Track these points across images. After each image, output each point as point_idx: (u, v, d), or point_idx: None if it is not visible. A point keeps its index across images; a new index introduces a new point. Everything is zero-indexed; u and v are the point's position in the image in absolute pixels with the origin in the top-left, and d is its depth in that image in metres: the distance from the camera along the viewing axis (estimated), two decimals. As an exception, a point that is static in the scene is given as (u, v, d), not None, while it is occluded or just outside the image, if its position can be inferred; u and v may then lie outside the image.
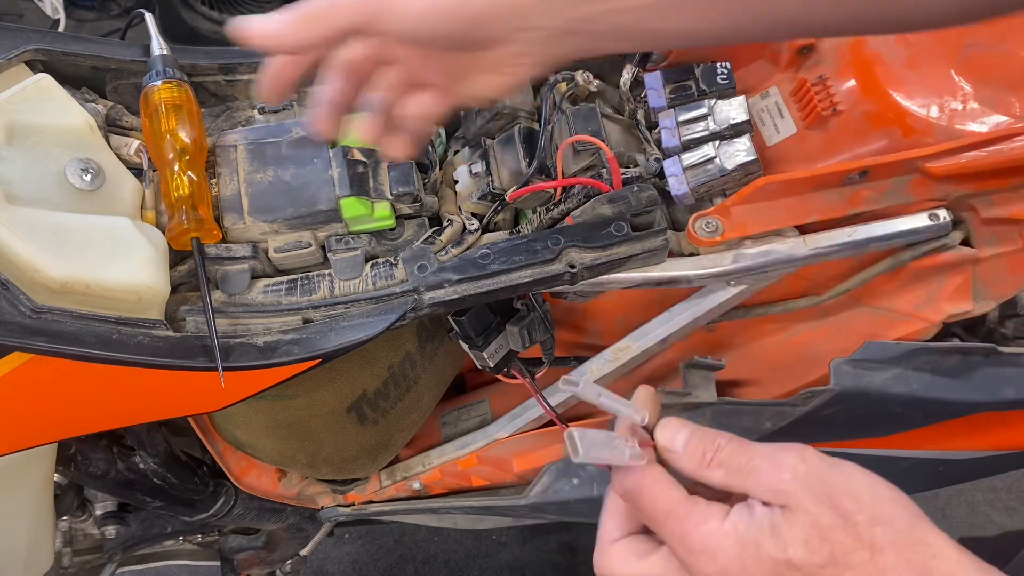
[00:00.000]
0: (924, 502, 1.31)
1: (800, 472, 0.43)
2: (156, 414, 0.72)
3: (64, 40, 0.72)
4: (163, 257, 0.65)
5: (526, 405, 0.95)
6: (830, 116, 0.74)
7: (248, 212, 0.69)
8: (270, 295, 0.69)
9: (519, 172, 0.72)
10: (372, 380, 0.85)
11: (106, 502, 1.02)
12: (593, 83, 0.78)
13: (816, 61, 0.77)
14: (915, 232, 0.75)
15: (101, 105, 0.72)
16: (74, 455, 0.83)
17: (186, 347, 0.64)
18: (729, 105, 0.73)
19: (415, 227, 0.74)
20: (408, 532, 1.69)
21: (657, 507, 0.46)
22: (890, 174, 0.73)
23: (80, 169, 0.64)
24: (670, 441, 0.47)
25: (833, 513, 0.42)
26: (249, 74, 0.78)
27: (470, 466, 0.99)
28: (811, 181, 0.72)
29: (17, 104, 0.65)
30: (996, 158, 0.70)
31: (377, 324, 0.67)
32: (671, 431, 0.48)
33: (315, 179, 0.69)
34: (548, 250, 0.69)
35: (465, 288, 0.69)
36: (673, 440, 0.47)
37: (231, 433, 0.86)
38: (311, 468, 0.91)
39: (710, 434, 0.47)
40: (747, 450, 0.45)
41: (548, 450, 0.97)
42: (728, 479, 0.45)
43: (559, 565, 1.67)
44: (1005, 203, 0.76)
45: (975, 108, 0.71)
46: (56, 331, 0.59)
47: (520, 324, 0.79)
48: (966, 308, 0.83)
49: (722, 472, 0.45)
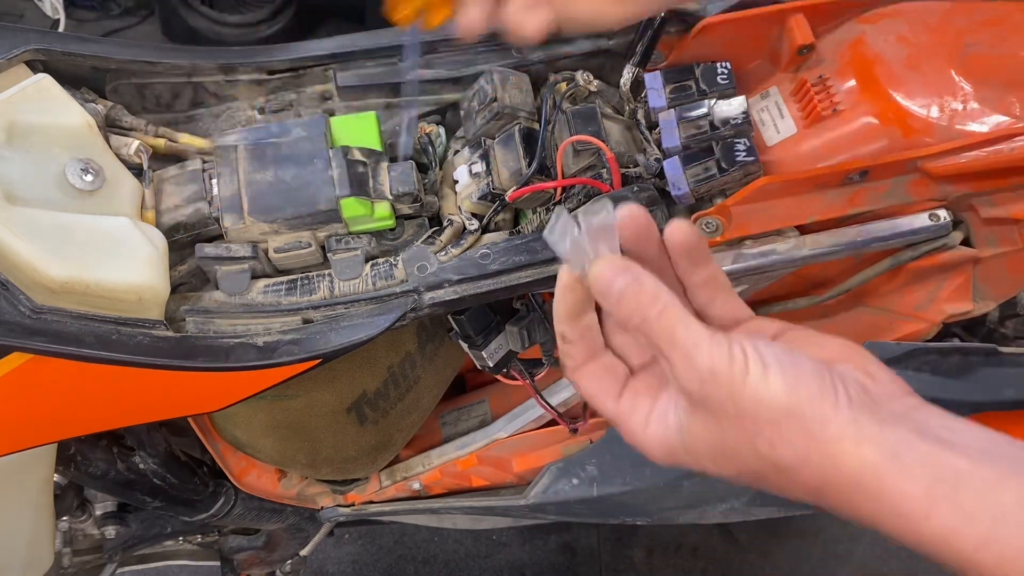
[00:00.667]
0: (924, 502, 1.26)
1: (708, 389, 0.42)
2: (156, 414, 0.72)
3: (64, 40, 0.72)
4: (163, 257, 0.65)
5: (526, 405, 0.95)
6: (830, 116, 0.74)
7: (248, 212, 0.69)
8: (270, 295, 0.69)
9: (519, 172, 0.72)
10: (372, 380, 0.85)
11: (106, 502, 1.02)
12: (593, 83, 0.78)
13: (816, 61, 0.77)
14: (915, 232, 0.75)
15: (101, 105, 0.72)
16: (74, 455, 0.83)
17: (186, 347, 0.64)
18: (729, 105, 0.73)
19: (415, 227, 0.74)
20: (408, 532, 1.69)
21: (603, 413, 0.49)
22: (890, 174, 0.73)
23: (80, 169, 0.64)
24: (606, 287, 0.45)
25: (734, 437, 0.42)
26: (249, 74, 0.78)
27: (470, 466, 0.99)
28: (811, 181, 0.72)
29: (17, 104, 0.65)
30: (996, 158, 0.70)
31: (377, 324, 0.67)
32: (608, 276, 0.45)
33: (315, 179, 0.69)
34: (548, 250, 0.70)
35: (465, 288, 0.69)
36: (609, 289, 0.45)
37: (231, 433, 0.86)
38: (311, 468, 0.91)
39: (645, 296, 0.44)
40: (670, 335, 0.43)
41: (548, 450, 0.98)
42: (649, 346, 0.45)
43: (559, 565, 1.67)
44: (1005, 203, 0.76)
45: (975, 108, 0.71)
46: (56, 331, 0.59)
47: (520, 324, 0.79)
48: (966, 308, 0.83)
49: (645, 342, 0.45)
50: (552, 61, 0.79)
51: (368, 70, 0.78)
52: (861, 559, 1.67)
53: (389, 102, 0.79)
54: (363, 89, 0.78)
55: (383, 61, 0.78)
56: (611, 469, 0.93)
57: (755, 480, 0.44)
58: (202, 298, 0.69)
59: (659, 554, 1.68)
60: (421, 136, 0.78)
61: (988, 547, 0.38)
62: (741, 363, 0.42)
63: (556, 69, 0.79)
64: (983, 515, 0.38)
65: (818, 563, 1.67)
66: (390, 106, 0.79)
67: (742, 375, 0.41)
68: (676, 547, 1.69)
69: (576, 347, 0.49)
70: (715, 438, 0.43)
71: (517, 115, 0.74)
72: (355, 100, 0.79)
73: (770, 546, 1.69)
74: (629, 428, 0.48)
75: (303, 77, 0.79)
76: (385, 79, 0.78)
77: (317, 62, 0.78)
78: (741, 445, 0.42)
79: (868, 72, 0.74)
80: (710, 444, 0.44)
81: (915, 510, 0.39)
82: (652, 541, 1.69)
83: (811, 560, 1.67)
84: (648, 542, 1.69)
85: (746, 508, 0.99)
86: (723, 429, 0.43)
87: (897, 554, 1.67)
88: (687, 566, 1.68)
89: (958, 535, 0.38)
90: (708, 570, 1.67)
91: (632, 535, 1.70)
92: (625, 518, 1.00)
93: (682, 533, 1.70)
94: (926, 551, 0.40)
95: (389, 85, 0.78)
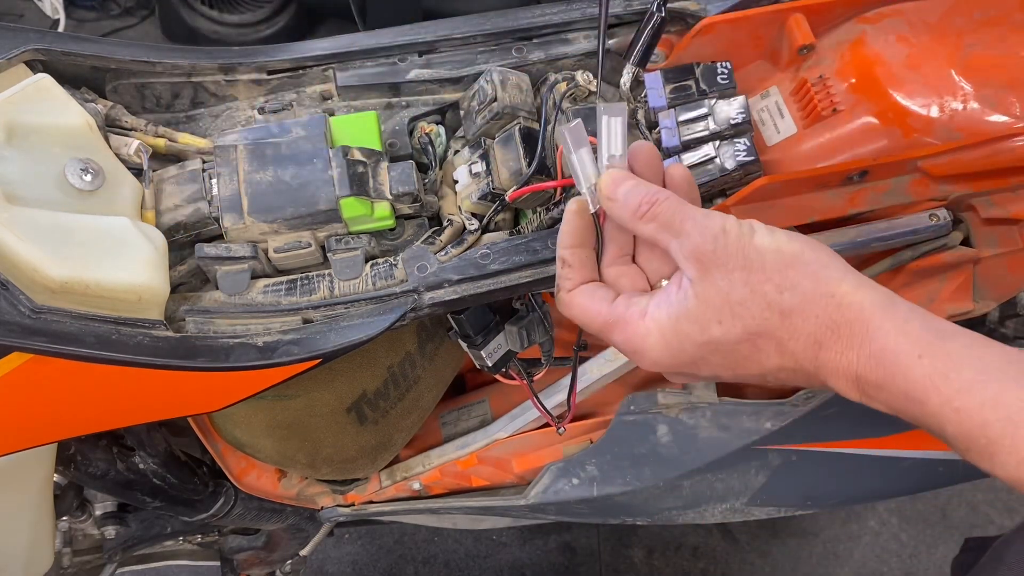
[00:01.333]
0: (924, 502, 1.32)
1: (720, 243, 0.45)
2: (156, 414, 0.72)
3: (64, 40, 0.72)
4: (163, 257, 0.65)
5: (526, 405, 0.95)
6: (830, 116, 0.74)
7: (248, 212, 0.69)
8: (270, 295, 0.69)
9: (519, 172, 0.72)
10: (372, 380, 0.85)
11: (106, 502, 1.02)
12: (593, 83, 0.78)
13: (816, 61, 0.77)
14: (915, 232, 0.75)
15: (101, 105, 0.72)
16: (74, 455, 0.83)
17: (186, 347, 0.64)
18: (729, 105, 0.73)
19: (415, 227, 0.74)
20: (408, 532, 1.69)
21: (592, 326, 0.51)
22: (890, 174, 0.73)
23: (80, 169, 0.64)
24: (612, 190, 0.50)
25: (743, 288, 0.45)
26: (249, 74, 0.78)
27: (470, 466, 0.99)
28: (811, 181, 0.72)
29: (17, 104, 0.65)
30: (996, 158, 0.70)
31: (377, 324, 0.67)
32: (615, 180, 0.50)
33: (315, 179, 0.69)
34: (548, 250, 0.70)
35: (465, 288, 0.69)
36: (615, 189, 0.50)
37: (231, 433, 0.86)
38: (311, 468, 0.91)
39: (652, 188, 0.49)
40: (681, 210, 0.48)
41: (548, 450, 0.98)
42: (657, 234, 0.48)
43: (559, 565, 1.67)
44: (1005, 203, 0.76)
45: (975, 108, 0.71)
46: (56, 331, 0.59)
47: (519, 324, 0.79)
48: (966, 308, 0.83)
49: (654, 226, 0.48)
50: (552, 61, 0.79)
51: (368, 70, 0.78)
52: (861, 559, 1.67)
53: (389, 102, 0.79)
54: (363, 89, 0.78)
55: (383, 61, 0.78)
56: (611, 469, 0.93)
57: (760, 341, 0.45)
58: (202, 298, 0.69)
59: (659, 554, 1.68)
60: (421, 136, 0.78)
61: (971, 392, 0.41)
62: (750, 225, 0.46)
63: (556, 69, 0.79)
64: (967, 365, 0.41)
65: (818, 563, 1.67)
66: (390, 106, 0.79)
67: (750, 233, 0.46)
68: (676, 547, 1.69)
69: (574, 270, 0.52)
70: (723, 294, 0.45)
71: (517, 115, 0.74)
72: (355, 100, 0.79)
73: (770, 546, 1.69)
74: (626, 320, 0.49)
75: (303, 77, 0.79)
76: (385, 79, 0.78)
77: (317, 62, 0.78)
78: (748, 297, 0.45)
79: (868, 72, 0.74)
80: (717, 303, 0.45)
81: (910, 350, 0.42)
82: (652, 541, 1.69)
83: (811, 560, 1.67)
84: (648, 542, 1.69)
85: (746, 508, 0.99)
86: (732, 282, 0.45)
87: (897, 554, 1.67)
88: (687, 566, 1.68)
89: (946, 378, 0.41)
90: (708, 570, 1.67)
91: (632, 535, 1.70)
92: (625, 518, 1.00)
93: (682, 533, 1.70)
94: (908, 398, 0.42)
95: (389, 85, 0.78)
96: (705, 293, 0.46)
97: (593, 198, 0.52)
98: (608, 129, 0.52)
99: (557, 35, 0.79)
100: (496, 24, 0.79)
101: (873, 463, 0.94)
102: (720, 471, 0.93)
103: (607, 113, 0.52)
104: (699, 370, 0.48)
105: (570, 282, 0.52)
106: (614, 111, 0.52)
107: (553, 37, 0.79)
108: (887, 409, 0.44)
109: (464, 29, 0.79)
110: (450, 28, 0.79)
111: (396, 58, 0.79)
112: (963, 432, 0.41)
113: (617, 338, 0.49)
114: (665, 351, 0.47)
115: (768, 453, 0.92)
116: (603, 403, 0.98)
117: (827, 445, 0.92)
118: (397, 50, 0.78)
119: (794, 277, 0.44)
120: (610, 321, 0.49)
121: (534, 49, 0.79)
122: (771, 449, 0.91)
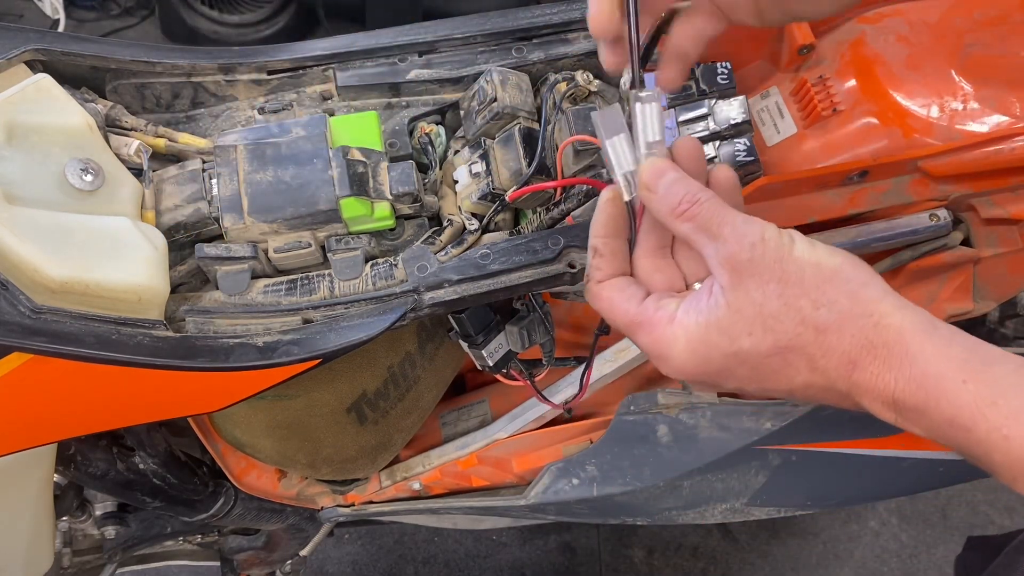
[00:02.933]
0: (924, 502, 1.32)
1: (757, 252, 0.44)
2: (156, 414, 0.72)
3: (64, 40, 0.72)
4: (163, 257, 0.65)
5: (526, 405, 0.95)
6: (830, 116, 0.74)
7: (248, 212, 0.69)
8: (270, 295, 0.69)
9: (519, 172, 0.72)
10: (372, 380, 0.85)
11: (106, 502, 1.02)
12: (593, 83, 0.78)
13: (816, 61, 0.77)
14: (915, 232, 0.75)
15: (101, 105, 0.72)
16: (74, 455, 0.83)
17: (186, 347, 0.64)
18: (729, 105, 0.73)
19: (415, 227, 0.74)
20: (408, 532, 1.69)
21: (618, 322, 0.49)
22: (890, 174, 0.73)
23: (80, 169, 0.64)
24: (653, 180, 0.47)
25: (778, 301, 0.43)
26: (249, 74, 0.78)
27: (470, 466, 0.99)
28: (811, 181, 0.72)
29: (17, 104, 0.65)
30: (996, 158, 0.70)
31: (377, 324, 0.67)
32: (658, 171, 0.48)
33: (315, 179, 0.69)
34: (548, 250, 0.69)
35: (465, 288, 0.69)
36: (657, 181, 0.47)
37: (231, 433, 0.86)
38: (311, 468, 0.91)
39: (694, 186, 0.47)
40: (720, 214, 0.46)
41: (548, 450, 0.98)
42: (693, 235, 0.46)
43: (559, 565, 1.67)
44: (1005, 203, 0.76)
45: (975, 108, 0.71)
46: (56, 331, 0.59)
47: (520, 324, 0.79)
48: (966, 308, 0.83)
49: (691, 226, 0.46)
50: (552, 61, 0.79)
51: (368, 70, 0.78)
52: (861, 559, 1.67)
53: (389, 102, 0.79)
54: (363, 89, 0.78)
55: (383, 61, 0.78)
56: (611, 469, 0.93)
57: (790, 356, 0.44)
58: (202, 298, 0.69)
59: (659, 554, 1.68)
60: (421, 136, 0.78)
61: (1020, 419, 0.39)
62: (790, 235, 0.44)
63: (556, 69, 0.79)
64: (1015, 392, 0.39)
65: (818, 563, 1.67)
66: (390, 106, 0.79)
67: (789, 244, 0.44)
68: (676, 547, 1.69)
69: (606, 260, 0.51)
70: (756, 305, 0.44)
71: (517, 115, 0.74)
72: (355, 100, 0.79)
73: (770, 546, 1.69)
74: (652, 323, 0.47)
75: (303, 77, 0.79)
76: (385, 79, 0.78)
77: (317, 62, 0.78)
78: (783, 310, 0.43)
79: (868, 72, 0.74)
80: (749, 314, 0.44)
81: (954, 375, 0.40)
82: (652, 541, 1.69)
83: (811, 560, 1.67)
84: (648, 542, 1.69)
85: (746, 508, 0.99)
86: (767, 294, 0.43)
87: (897, 554, 1.68)
88: (687, 566, 1.68)
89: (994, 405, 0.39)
90: (708, 570, 1.67)
91: (632, 535, 1.70)
92: (625, 518, 1.00)
93: (682, 533, 1.70)
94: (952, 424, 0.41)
95: (389, 85, 0.78)
96: (737, 303, 0.44)
97: (629, 186, 0.50)
98: (643, 115, 0.50)
99: (557, 35, 0.79)
100: (496, 24, 0.79)
101: (873, 463, 0.94)
102: (720, 471, 0.93)
103: (641, 101, 0.50)
104: (724, 381, 0.47)
105: (600, 272, 0.51)
106: (649, 97, 0.50)
107: (553, 37, 0.79)
108: (925, 434, 0.42)
109: (464, 29, 0.79)
110: (450, 28, 0.79)
111: (396, 58, 0.79)
112: (1012, 460, 0.39)
113: (642, 340, 0.48)
114: (691, 359, 0.46)
115: (768, 453, 0.92)
116: (603, 403, 0.98)
117: (827, 445, 0.92)
118: (397, 50, 0.78)
119: (832, 294, 0.43)
120: (637, 321, 0.48)
121: (534, 49, 0.79)
122: (771, 449, 0.91)
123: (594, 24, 0.51)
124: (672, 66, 0.54)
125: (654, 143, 0.50)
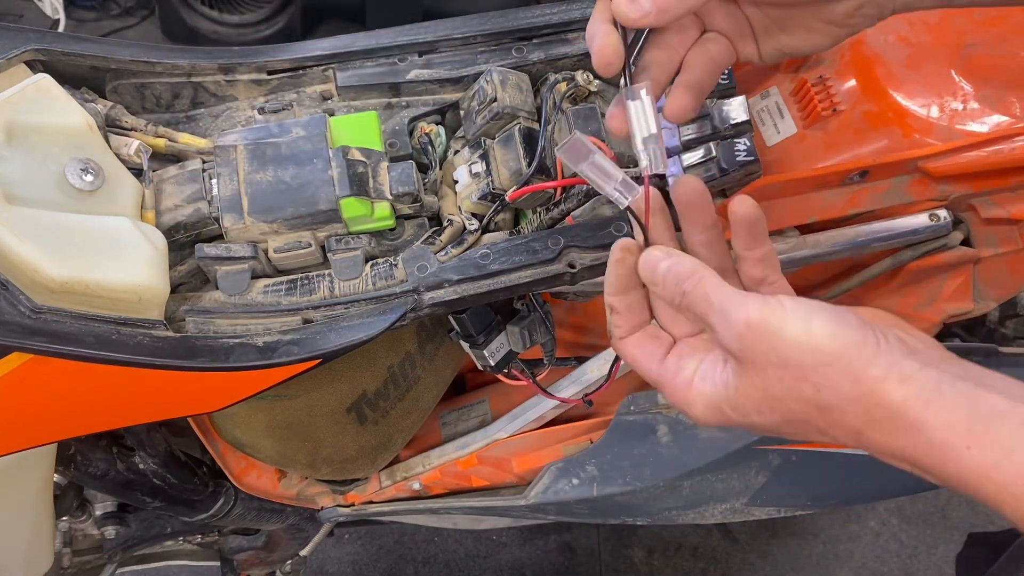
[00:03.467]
0: (924, 502, 1.32)
1: (747, 342, 0.45)
2: (156, 414, 0.72)
3: (64, 40, 0.72)
4: (163, 257, 0.65)
5: (526, 405, 0.95)
6: (830, 116, 0.74)
7: (248, 212, 0.69)
8: (270, 295, 0.69)
9: (519, 172, 0.72)
10: (372, 380, 0.85)
11: (106, 502, 1.02)
12: (593, 83, 0.78)
13: (816, 61, 0.77)
14: (915, 232, 0.75)
15: (101, 105, 0.72)
16: (74, 455, 0.83)
17: (186, 347, 0.64)
18: (729, 105, 0.73)
19: (415, 227, 0.74)
20: (408, 532, 1.69)
21: (644, 376, 0.51)
22: (890, 174, 0.73)
23: (80, 169, 0.64)
24: (651, 274, 0.50)
25: (779, 385, 0.44)
26: (249, 74, 0.78)
27: (470, 466, 0.99)
28: (811, 181, 0.72)
29: (17, 104, 0.65)
30: (996, 158, 0.70)
31: (377, 324, 0.67)
32: (650, 264, 0.50)
33: (315, 179, 0.69)
34: (548, 250, 0.69)
35: (465, 288, 0.69)
36: (654, 273, 0.50)
37: (231, 433, 0.86)
38: (311, 468, 0.91)
39: (683, 271, 0.48)
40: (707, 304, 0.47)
41: (548, 450, 0.98)
42: (697, 323, 0.50)
43: (559, 565, 1.67)
44: (1005, 203, 0.76)
45: (975, 108, 0.71)
46: (56, 331, 0.59)
47: (521, 324, 0.79)
48: (966, 308, 0.83)
49: (691, 315, 0.49)
50: (552, 61, 0.79)
51: (368, 70, 0.78)
52: (861, 559, 1.67)
53: (389, 102, 0.79)
54: (363, 89, 0.78)
55: (383, 61, 0.78)
56: (611, 469, 0.93)
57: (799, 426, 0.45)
58: (202, 298, 0.69)
59: (659, 554, 1.69)
60: (421, 136, 0.78)
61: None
62: (779, 315, 0.44)
63: (556, 69, 0.79)
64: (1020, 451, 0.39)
65: (818, 563, 1.67)
66: (390, 106, 0.79)
67: (780, 326, 0.43)
68: (676, 547, 1.69)
69: (623, 317, 0.52)
70: (759, 390, 0.45)
71: (517, 115, 0.74)
72: (355, 100, 0.79)
73: (770, 546, 1.69)
74: (673, 387, 0.49)
75: (303, 77, 0.79)
76: (385, 79, 0.78)
77: (317, 62, 0.78)
78: (785, 392, 0.44)
79: (868, 72, 0.74)
80: (755, 397, 0.45)
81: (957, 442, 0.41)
82: (652, 541, 1.69)
83: (811, 560, 1.67)
84: (648, 542, 1.69)
85: (746, 508, 0.99)
86: (767, 379, 0.44)
87: (897, 554, 1.68)
88: (687, 566, 1.68)
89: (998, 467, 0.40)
90: (708, 570, 1.67)
91: (632, 535, 1.70)
92: (625, 518, 1.00)
93: (682, 533, 1.70)
94: (963, 484, 0.41)
95: (389, 85, 0.78)
96: (743, 387, 0.46)
97: (622, 195, 0.51)
98: (636, 113, 0.51)
99: (557, 35, 0.79)
100: (496, 24, 0.79)
101: (873, 463, 0.94)
102: (720, 471, 0.93)
103: (629, 97, 0.51)
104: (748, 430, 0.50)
105: (620, 329, 0.53)
106: (634, 93, 0.50)
107: (553, 37, 0.79)
108: (946, 487, 0.44)
109: (464, 29, 0.79)
110: (450, 28, 0.79)
111: (396, 58, 0.79)
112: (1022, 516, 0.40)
113: (667, 396, 0.51)
114: (711, 419, 0.48)
115: (768, 453, 0.92)
116: (603, 403, 0.98)
117: (827, 445, 0.92)
118: (397, 50, 0.78)
119: (833, 377, 0.43)
120: (659, 382, 0.51)
121: (534, 49, 0.79)
122: (771, 449, 0.91)
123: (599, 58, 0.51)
124: (687, 95, 0.55)
125: (649, 138, 0.51)
